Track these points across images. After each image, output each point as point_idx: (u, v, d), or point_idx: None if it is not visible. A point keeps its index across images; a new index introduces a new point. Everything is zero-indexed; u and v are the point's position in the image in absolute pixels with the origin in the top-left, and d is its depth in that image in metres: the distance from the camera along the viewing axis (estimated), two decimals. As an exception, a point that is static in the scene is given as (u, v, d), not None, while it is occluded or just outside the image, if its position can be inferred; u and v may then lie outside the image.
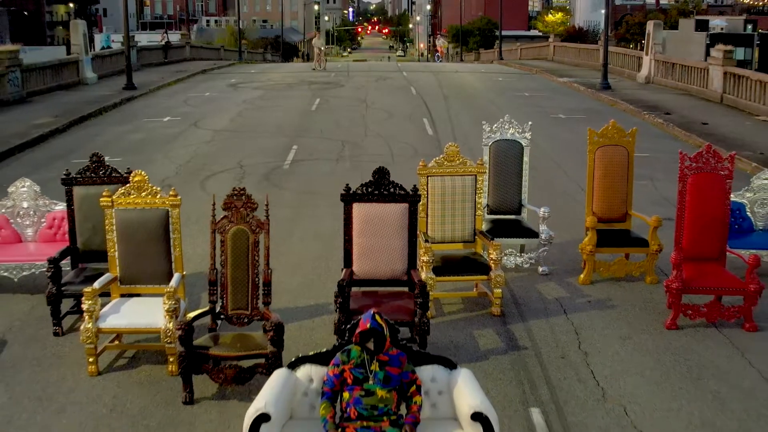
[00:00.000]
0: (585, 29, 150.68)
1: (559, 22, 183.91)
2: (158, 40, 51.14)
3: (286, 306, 8.45)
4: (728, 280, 8.22)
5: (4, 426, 6.43)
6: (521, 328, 8.17)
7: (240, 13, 57.92)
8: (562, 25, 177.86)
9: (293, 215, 11.85)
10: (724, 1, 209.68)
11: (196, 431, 6.34)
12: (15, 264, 8.96)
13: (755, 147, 16.62)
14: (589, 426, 6.40)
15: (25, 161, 16.47)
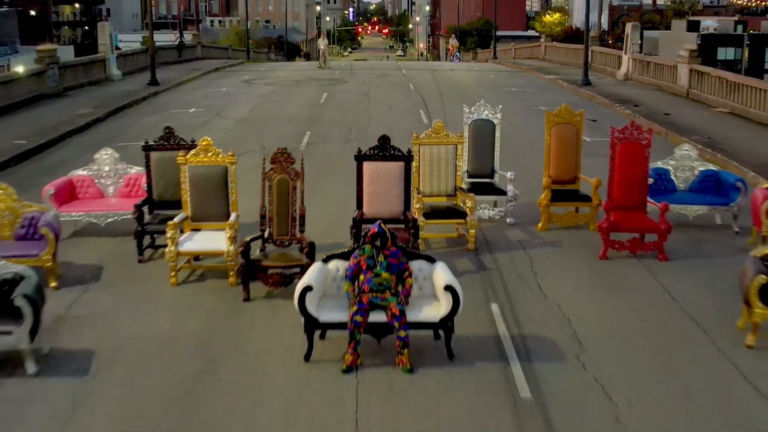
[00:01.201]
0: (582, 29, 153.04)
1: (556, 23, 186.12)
2: (172, 40, 53.63)
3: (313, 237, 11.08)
4: (646, 222, 10.89)
5: (114, 321, 9.06)
6: (489, 258, 10.84)
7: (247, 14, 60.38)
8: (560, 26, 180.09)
9: (311, 185, 14.42)
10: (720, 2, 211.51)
11: (254, 319, 9.00)
12: (101, 213, 11.62)
13: (705, 133, 19.26)
14: (531, 315, 9.06)
15: (75, 144, 19.13)
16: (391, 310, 7.67)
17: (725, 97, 23.06)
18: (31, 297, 7.64)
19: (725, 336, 8.53)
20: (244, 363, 7.92)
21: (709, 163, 13.05)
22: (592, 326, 8.74)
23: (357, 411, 7.01)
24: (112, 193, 11.97)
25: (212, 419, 6.90)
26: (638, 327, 8.80)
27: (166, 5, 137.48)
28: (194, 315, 9.13)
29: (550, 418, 6.89)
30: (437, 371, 7.66)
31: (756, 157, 16.61)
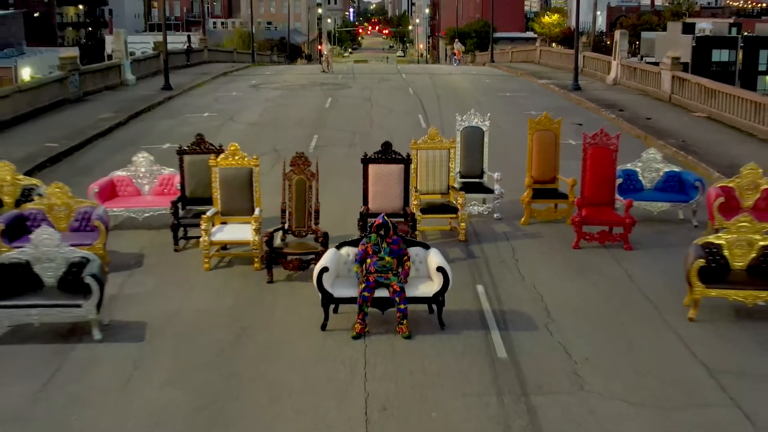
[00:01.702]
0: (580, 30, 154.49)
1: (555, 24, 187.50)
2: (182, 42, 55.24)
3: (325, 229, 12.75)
4: (613, 216, 12.56)
5: (159, 299, 10.71)
6: (477, 248, 12.51)
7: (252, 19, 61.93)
8: (559, 27, 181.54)
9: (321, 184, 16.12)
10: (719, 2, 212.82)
11: (277, 297, 10.66)
12: (139, 209, 13.29)
13: (680, 137, 20.92)
14: (510, 294, 10.73)
15: (101, 147, 20.79)
16: (392, 287, 9.34)
17: (703, 103, 24.73)
18: (97, 276, 9.32)
19: (673, 311, 10.20)
20: (271, 332, 9.59)
21: (672, 165, 14.69)
22: (560, 303, 10.41)
23: (365, 368, 8.67)
24: (148, 191, 13.64)
25: (245, 376, 8.55)
26: (600, 304, 10.47)
27: (169, 7, 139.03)
28: (226, 294, 10.80)
29: (521, 372, 8.56)
30: (431, 337, 9.33)
31: (723, 159, 18.26)
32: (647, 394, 8.15)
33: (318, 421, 7.67)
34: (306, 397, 8.09)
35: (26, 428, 7.62)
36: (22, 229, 11.57)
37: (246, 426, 7.58)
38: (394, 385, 8.29)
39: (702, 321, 9.89)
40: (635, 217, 12.56)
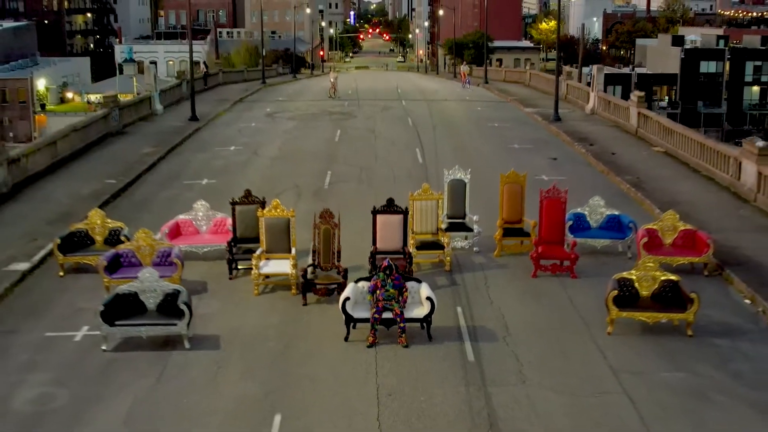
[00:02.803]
0: (576, 37, 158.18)
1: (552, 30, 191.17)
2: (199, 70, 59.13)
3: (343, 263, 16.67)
4: (562, 253, 16.50)
5: (224, 317, 14.63)
6: (459, 276, 16.46)
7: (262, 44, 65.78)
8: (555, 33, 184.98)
9: (336, 219, 20.08)
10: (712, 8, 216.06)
11: (311, 316, 14.59)
12: (199, 245, 17.24)
13: (637, 173, 24.86)
14: (481, 314, 14.66)
15: (149, 182, 24.73)
16: (395, 311, 13.28)
17: (662, 139, 28.68)
18: (187, 303, 13.27)
19: (597, 327, 14.13)
20: (308, 342, 13.53)
21: (613, 208, 18.59)
22: (516, 321, 14.35)
23: (376, 368, 12.60)
24: (205, 231, 17.60)
25: (293, 372, 12.48)
26: (545, 322, 14.42)
27: (175, 15, 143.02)
28: (272, 314, 14.75)
29: (483, 370, 12.50)
30: (422, 346, 13.27)
31: (666, 195, 22.18)
32: (567, 385, 12.10)
33: (345, 400, 11.62)
34: (336, 386, 12.04)
35: (153, 408, 11.55)
36: (118, 264, 15.54)
37: (297, 406, 11.53)
38: (396, 379, 12.22)
39: (616, 335, 13.82)
40: (579, 253, 16.51)
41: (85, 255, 16.60)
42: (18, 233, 19.09)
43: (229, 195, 21.84)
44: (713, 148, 24.36)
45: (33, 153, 23.89)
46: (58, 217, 20.29)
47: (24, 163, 23.18)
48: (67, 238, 16.76)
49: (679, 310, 13.80)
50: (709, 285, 16.21)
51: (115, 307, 13.32)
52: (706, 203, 21.60)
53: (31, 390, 11.98)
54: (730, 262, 17.03)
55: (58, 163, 25.45)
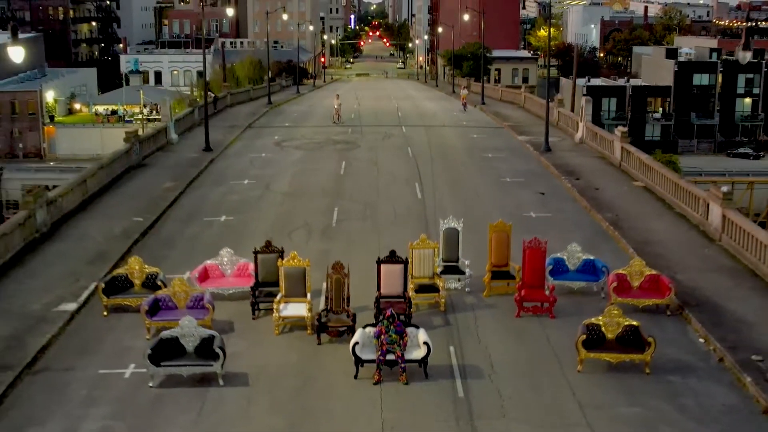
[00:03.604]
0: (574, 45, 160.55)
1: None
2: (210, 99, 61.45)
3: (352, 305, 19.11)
4: (542, 296, 18.93)
5: (250, 355, 17.05)
6: (452, 316, 18.89)
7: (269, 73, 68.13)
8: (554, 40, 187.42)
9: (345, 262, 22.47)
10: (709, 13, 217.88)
11: (325, 355, 17.02)
12: (225, 288, 19.69)
13: (617, 209, 27.28)
14: (470, 353, 17.09)
15: (173, 219, 27.12)
16: (397, 354, 15.72)
17: (642, 174, 31.12)
18: (222, 347, 15.71)
19: (569, 365, 16.55)
20: (323, 379, 15.97)
21: (589, 253, 20.99)
22: (501, 359, 16.78)
23: (381, 402, 15.04)
24: (230, 274, 20.05)
25: (314, 405, 14.93)
26: (526, 360, 16.86)
27: (179, 25, 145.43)
28: (291, 352, 17.18)
29: (471, 405, 14.94)
30: (419, 383, 15.71)
31: (640, 234, 24.60)
32: (540, 418, 14.55)
33: (355, 424, 14.07)
34: (348, 419, 14.50)
35: (202, 438, 14.02)
36: (157, 308, 17.99)
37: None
38: (398, 413, 14.68)
39: (585, 372, 16.25)
40: (557, 296, 18.95)
41: (126, 297, 19.05)
42: (62, 272, 21.53)
43: (246, 233, 24.47)
44: (685, 189, 26.78)
45: (67, 193, 26.30)
46: (95, 256, 22.73)
47: (60, 202, 25.59)
48: (110, 282, 19.22)
49: (638, 351, 16.24)
50: (670, 324, 18.68)
51: (160, 350, 15.76)
52: (676, 242, 24.04)
53: (95, 423, 14.43)
54: (690, 302, 19.47)
55: (89, 199, 27.87)
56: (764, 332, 17.82)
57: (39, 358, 16.84)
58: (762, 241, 21.31)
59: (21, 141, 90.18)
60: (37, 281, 20.89)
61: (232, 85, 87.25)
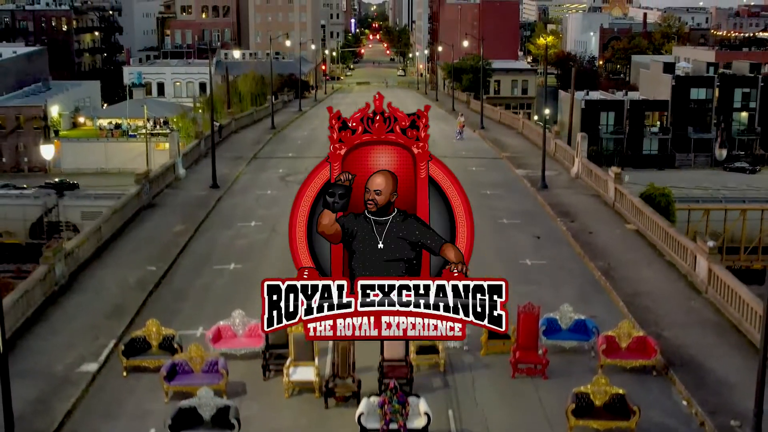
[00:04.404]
0: (574, 54, 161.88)
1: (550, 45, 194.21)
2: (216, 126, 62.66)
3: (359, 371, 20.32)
4: (536, 358, 20.15)
5: (265, 418, 18.28)
6: (451, 377, 20.11)
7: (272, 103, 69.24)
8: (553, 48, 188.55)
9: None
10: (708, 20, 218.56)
11: (332, 419, 18.24)
12: (237, 348, 20.91)
13: (609, 257, 28.49)
14: (468, 416, 18.31)
15: (184, 266, 28.33)
16: (399, 423, 16.93)
17: (634, 217, 32.32)
18: (237, 418, 16.93)
19: (560, 429, 17.77)
20: (331, 445, 17.21)
21: (580, 314, 22.20)
22: (496, 422, 18.01)
23: (385, 470, 16.28)
24: (242, 335, 21.27)
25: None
26: (520, 420, 18.08)
27: (181, 35, 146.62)
28: (301, 415, 18.41)
29: (467, 475, 16.19)
30: (420, 451, 16.94)
31: (630, 285, 25.80)
32: (532, 489, 15.79)
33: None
34: (355, 490, 15.73)
35: None
36: (174, 372, 19.20)
37: None
38: (400, 484, 15.92)
39: (574, 438, 17.50)
40: (549, 359, 20.17)
41: (144, 359, 20.27)
42: (82, 327, 22.76)
43: (255, 283, 25.36)
44: (674, 237, 27.99)
45: (83, 243, 27.52)
46: (113, 309, 23.95)
47: (76, 253, 26.80)
48: (129, 344, 20.44)
49: (625, 419, 17.46)
50: (656, 385, 19.90)
51: (179, 419, 16.98)
52: (664, 294, 25.25)
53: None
54: (675, 362, 20.69)
55: (103, 246, 29.08)
56: (744, 395, 18.94)
57: (65, 422, 18.07)
58: (744, 299, 22.52)
59: (26, 155, 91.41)
60: (59, 337, 22.11)
61: (235, 99, 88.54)
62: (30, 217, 41.91)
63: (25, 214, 43.96)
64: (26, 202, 44.36)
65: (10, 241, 43.64)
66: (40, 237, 49.41)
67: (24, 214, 44.09)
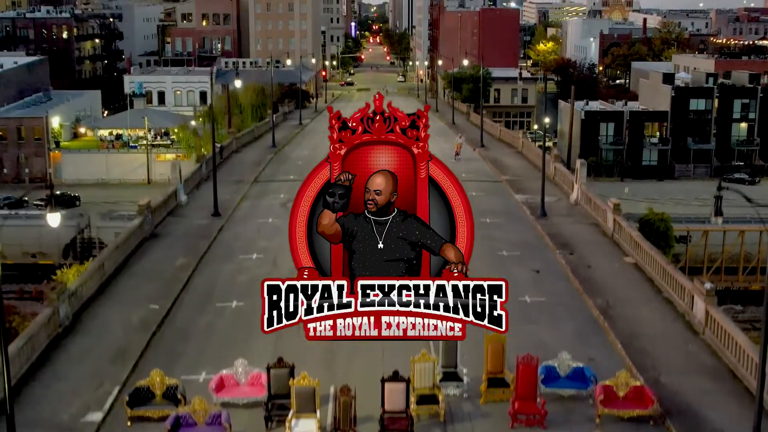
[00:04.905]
0: (573, 60, 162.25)
1: (549, 51, 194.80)
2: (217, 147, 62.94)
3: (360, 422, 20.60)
4: (534, 408, 20.43)
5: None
6: (451, 426, 20.38)
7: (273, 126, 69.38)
8: (553, 54, 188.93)
9: (353, 380, 23.95)
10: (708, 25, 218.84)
11: (332, 473, 18.53)
12: (239, 398, 21.19)
13: (607, 294, 28.72)
14: (468, 471, 18.61)
15: (186, 303, 28.58)
16: (400, 482, 17.23)
17: (633, 249, 32.59)
18: (240, 477, 17.20)
19: (558, 485, 18.07)
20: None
21: (579, 361, 22.46)
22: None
23: None
24: (244, 383, 21.54)
25: None
26: (518, 480, 18.37)
27: (181, 43, 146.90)
28: (303, 470, 18.67)
29: None
30: None
31: (628, 326, 26.04)
32: None
33: None
34: None
35: None
36: (178, 425, 19.48)
37: None
38: None
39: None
40: (548, 410, 20.44)
41: (148, 409, 20.54)
42: (85, 373, 23.02)
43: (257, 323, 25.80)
44: (672, 275, 28.26)
45: (87, 281, 27.79)
46: (116, 353, 24.21)
47: (79, 292, 27.06)
48: (133, 394, 20.72)
49: (621, 475, 17.76)
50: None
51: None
52: (662, 335, 25.53)
53: None
54: (672, 411, 20.96)
55: (107, 282, 29.36)
56: (739, 446, 19.32)
57: (72, 478, 18.35)
58: (740, 344, 22.79)
59: (27, 166, 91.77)
60: (63, 384, 22.38)
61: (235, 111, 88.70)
62: (64, 238, 42.38)
63: (59, 235, 44.47)
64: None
65: (44, 262, 44.31)
66: (74, 257, 49.92)
67: (58, 235, 44.62)
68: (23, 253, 47.34)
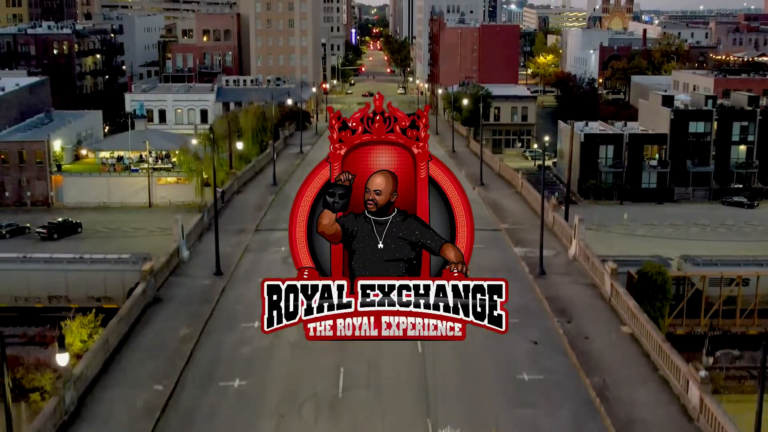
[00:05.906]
0: (574, 75, 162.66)
1: (549, 63, 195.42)
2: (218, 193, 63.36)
3: None
4: None
5: None
6: None
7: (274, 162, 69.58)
8: (553, 67, 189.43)
9: None
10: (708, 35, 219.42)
11: None
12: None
13: (604, 372, 29.10)
14: None
15: (190, 381, 28.97)
16: None
17: (630, 319, 32.98)
18: None
19: None
20: None
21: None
22: None
23: None
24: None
25: None
26: None
27: (182, 59, 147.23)
28: None
29: None
30: None
31: (625, 411, 26.44)
32: None
33: None
34: None
35: None
36: None
37: None
38: None
39: None
40: None
41: None
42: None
43: (259, 406, 26.34)
44: (668, 354, 28.66)
45: (91, 362, 28.21)
46: (121, 443, 24.67)
47: (84, 373, 27.48)
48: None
49: None
50: None
51: None
52: (657, 422, 25.95)
53: None
54: None
55: (111, 357, 29.78)
56: None
57: None
58: (734, 439, 23.21)
59: (29, 189, 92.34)
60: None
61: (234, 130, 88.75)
62: (129, 282, 42.80)
63: (124, 279, 44.93)
64: (125, 268, 45.47)
65: (108, 306, 44.80)
66: None
67: (123, 280, 45.06)
68: (88, 297, 47.87)
